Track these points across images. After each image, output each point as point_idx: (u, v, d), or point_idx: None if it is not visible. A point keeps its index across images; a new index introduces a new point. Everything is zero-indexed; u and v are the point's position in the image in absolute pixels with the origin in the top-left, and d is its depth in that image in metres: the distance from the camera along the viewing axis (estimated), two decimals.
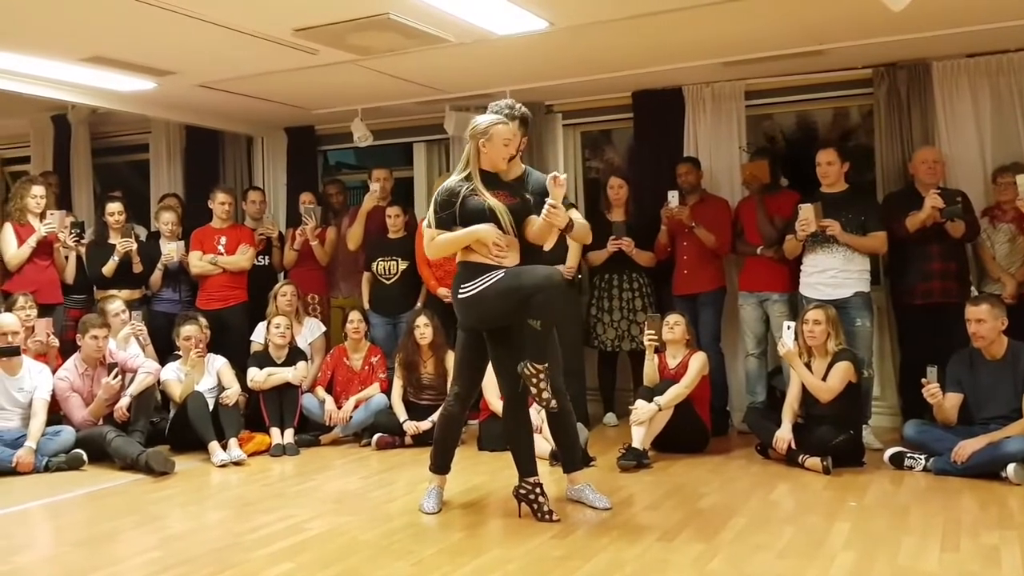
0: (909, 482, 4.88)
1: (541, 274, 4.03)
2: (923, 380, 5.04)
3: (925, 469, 5.02)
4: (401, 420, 6.07)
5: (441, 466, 4.51)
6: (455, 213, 4.10)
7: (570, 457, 4.54)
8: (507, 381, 4.28)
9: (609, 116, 7.43)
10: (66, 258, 6.59)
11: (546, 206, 4.03)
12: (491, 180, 4.17)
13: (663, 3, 4.86)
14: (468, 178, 4.16)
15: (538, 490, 4.24)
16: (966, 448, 4.85)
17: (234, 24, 5.05)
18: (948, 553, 3.64)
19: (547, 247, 4.35)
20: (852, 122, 7.38)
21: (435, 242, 4.18)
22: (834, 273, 5.74)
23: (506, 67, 6.19)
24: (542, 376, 4.03)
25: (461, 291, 4.13)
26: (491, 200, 4.09)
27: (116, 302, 6.39)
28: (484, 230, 4.05)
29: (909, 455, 5.12)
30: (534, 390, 4.05)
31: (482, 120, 4.19)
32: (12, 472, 5.32)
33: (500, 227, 4.08)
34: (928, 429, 5.20)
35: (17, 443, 5.46)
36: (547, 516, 4.17)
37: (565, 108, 7.41)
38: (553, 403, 4.11)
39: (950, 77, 6.14)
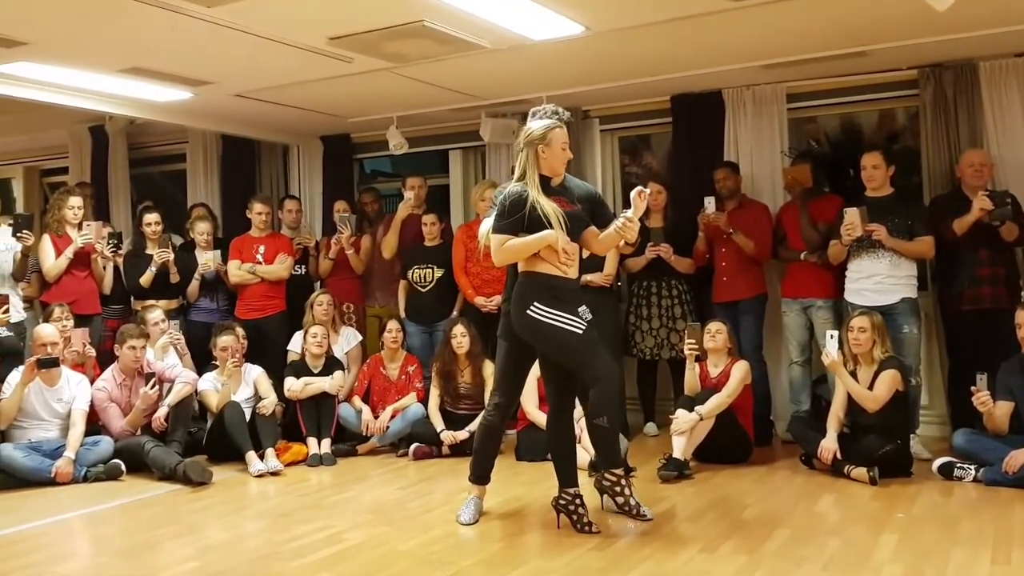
0: (959, 493, 4.83)
1: (602, 366, 4.06)
2: (973, 388, 4.98)
3: (975, 480, 4.97)
4: (438, 430, 6.10)
5: (480, 476, 4.54)
6: (524, 218, 4.06)
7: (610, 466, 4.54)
8: (555, 390, 4.31)
9: (647, 121, 7.42)
10: (104, 268, 6.70)
11: (622, 219, 4.03)
12: (546, 187, 4.16)
13: (702, 6, 4.86)
14: (527, 185, 4.14)
15: (578, 501, 4.25)
16: (1018, 458, 4.80)
17: (269, 34, 5.12)
18: (999, 566, 3.60)
19: (584, 254, 4.37)
20: (898, 124, 7.32)
21: (505, 248, 4.11)
22: (880, 279, 5.69)
23: (542, 73, 6.22)
24: (623, 483, 4.12)
25: (535, 311, 4.07)
26: (547, 205, 4.06)
27: (156, 311, 6.50)
28: (555, 235, 4.04)
29: (959, 465, 5.07)
30: (620, 499, 4.14)
31: (537, 125, 4.17)
32: (52, 482, 5.42)
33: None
34: (978, 438, 5.15)
35: (56, 453, 5.56)
36: (587, 527, 4.18)
37: (603, 113, 7.43)
38: (648, 513, 4.18)
39: (998, 77, 6.06)
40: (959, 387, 5.52)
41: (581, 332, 4.04)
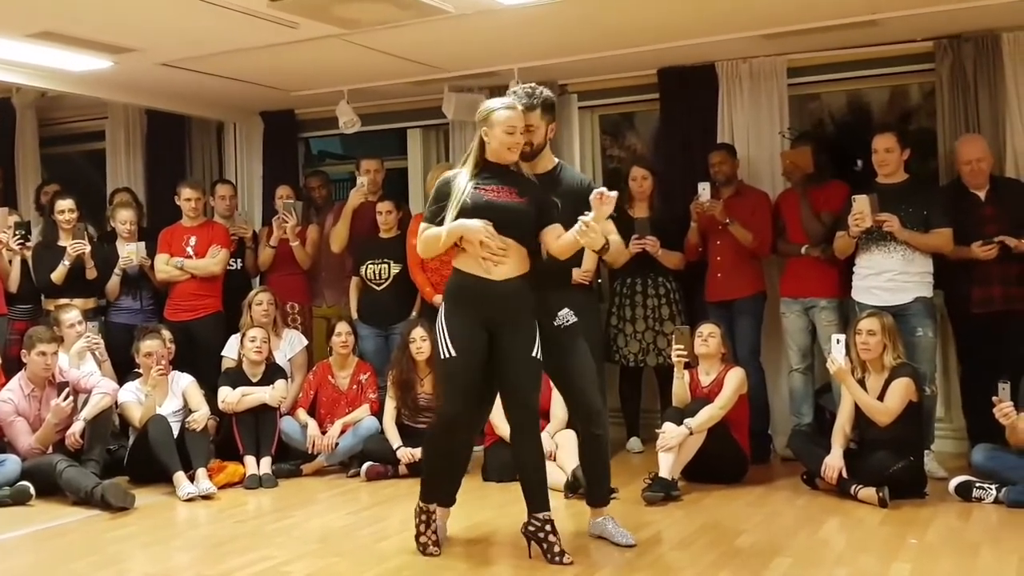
0: (978, 516, 4.88)
1: (445, 409, 4.30)
2: (994, 398, 5.02)
3: (996, 501, 5.02)
4: (394, 447, 6.09)
5: (443, 499, 4.53)
6: (446, 206, 4.15)
7: (598, 489, 4.57)
8: (512, 403, 4.32)
9: (632, 97, 7.46)
10: (10, 262, 6.62)
11: (579, 223, 3.99)
12: (499, 173, 4.19)
13: None
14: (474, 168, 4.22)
15: (549, 527, 4.23)
16: None
17: None
18: None
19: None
20: (911, 102, 7.39)
21: (422, 236, 4.27)
22: (892, 276, 5.73)
23: (513, 41, 6.22)
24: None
25: (438, 320, 4.23)
26: (459, 191, 4.13)
27: (72, 311, 6.43)
28: (471, 226, 4.07)
29: (978, 485, 5.12)
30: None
31: (489, 104, 4.23)
32: None
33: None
34: (1000, 455, 5.19)
35: None
36: (558, 558, 4.17)
37: (581, 88, 7.43)
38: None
39: (1023, 50, 6.13)
40: (977, 398, 5.58)
41: (445, 358, 4.17)
